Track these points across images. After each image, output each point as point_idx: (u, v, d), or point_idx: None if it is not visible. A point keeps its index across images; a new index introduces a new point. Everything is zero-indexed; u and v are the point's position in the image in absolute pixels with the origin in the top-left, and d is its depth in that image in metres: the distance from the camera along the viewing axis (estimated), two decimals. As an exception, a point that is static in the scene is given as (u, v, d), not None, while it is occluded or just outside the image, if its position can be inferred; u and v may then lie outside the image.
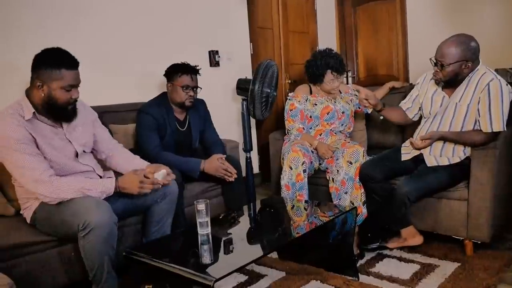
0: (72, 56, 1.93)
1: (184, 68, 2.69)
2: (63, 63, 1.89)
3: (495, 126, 2.28)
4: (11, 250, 1.88)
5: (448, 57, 2.30)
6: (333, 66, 2.88)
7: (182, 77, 2.66)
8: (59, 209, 1.90)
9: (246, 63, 3.96)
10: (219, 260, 1.75)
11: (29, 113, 1.90)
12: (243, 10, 3.94)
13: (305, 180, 2.69)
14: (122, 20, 3.02)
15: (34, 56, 1.91)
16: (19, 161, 1.85)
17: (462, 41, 2.29)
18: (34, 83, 1.91)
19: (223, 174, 2.61)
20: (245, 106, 3.21)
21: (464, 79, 2.35)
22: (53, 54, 1.90)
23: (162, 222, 2.21)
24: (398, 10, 4.36)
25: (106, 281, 1.88)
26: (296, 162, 2.67)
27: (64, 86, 1.90)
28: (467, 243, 2.41)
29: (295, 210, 2.44)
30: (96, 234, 1.80)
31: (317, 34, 4.70)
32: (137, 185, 1.99)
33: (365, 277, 2.24)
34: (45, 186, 1.87)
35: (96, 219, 1.80)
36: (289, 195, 2.69)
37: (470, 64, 2.30)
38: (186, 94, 2.68)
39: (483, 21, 3.62)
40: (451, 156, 2.43)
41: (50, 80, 1.88)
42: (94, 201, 1.88)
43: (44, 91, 1.89)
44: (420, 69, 2.52)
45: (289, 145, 2.81)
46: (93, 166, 2.16)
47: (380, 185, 2.51)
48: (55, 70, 1.88)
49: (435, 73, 2.40)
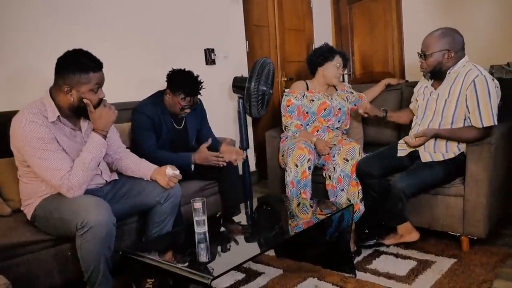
0: (96, 57, 1.95)
1: (191, 90, 2.60)
2: (90, 67, 1.91)
3: (486, 121, 2.30)
4: (7, 250, 1.87)
5: (431, 47, 2.37)
6: (342, 53, 3.04)
7: (185, 99, 2.61)
8: (59, 207, 1.90)
9: (242, 61, 3.96)
10: (216, 258, 1.76)
11: (54, 116, 1.93)
12: (239, 8, 3.93)
13: (309, 177, 2.70)
14: (117, 18, 3.01)
15: (58, 60, 1.92)
16: (43, 160, 1.87)
17: (445, 32, 2.37)
18: (62, 88, 1.91)
19: (215, 161, 2.61)
20: (241, 104, 3.21)
21: (448, 70, 2.38)
22: (78, 58, 1.91)
23: (164, 224, 2.21)
24: (393, 7, 4.36)
25: (100, 283, 1.87)
26: (302, 160, 2.67)
27: (92, 88, 1.93)
28: (463, 239, 2.42)
29: (301, 207, 2.44)
30: (94, 233, 1.80)
31: (313, 32, 4.70)
32: (165, 181, 2.13)
33: (362, 274, 2.25)
34: (66, 190, 1.89)
35: (95, 218, 1.79)
36: (294, 192, 2.69)
37: (453, 54, 2.34)
38: (182, 111, 2.66)
39: (478, 18, 3.63)
40: (445, 152, 2.44)
41: (79, 84, 1.90)
42: (94, 200, 1.89)
43: (73, 95, 1.92)
44: (416, 66, 2.53)
45: (293, 142, 2.78)
46: (102, 170, 2.17)
47: (377, 181, 2.53)
48: (84, 75, 1.89)
49: (421, 65, 2.46)
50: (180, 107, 2.62)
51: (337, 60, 2.99)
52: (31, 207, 2.02)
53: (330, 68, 3.00)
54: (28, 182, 2.01)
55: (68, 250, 2.02)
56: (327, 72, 3.01)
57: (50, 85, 1.98)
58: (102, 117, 1.98)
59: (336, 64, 2.98)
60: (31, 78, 2.59)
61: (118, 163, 2.27)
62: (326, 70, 3.01)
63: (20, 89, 2.55)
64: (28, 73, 2.58)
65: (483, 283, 2.04)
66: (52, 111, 1.93)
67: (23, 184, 2.04)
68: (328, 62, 2.99)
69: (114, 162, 2.27)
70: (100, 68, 1.96)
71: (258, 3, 4.17)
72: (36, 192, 2.00)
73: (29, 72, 2.58)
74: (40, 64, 2.56)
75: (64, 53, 1.93)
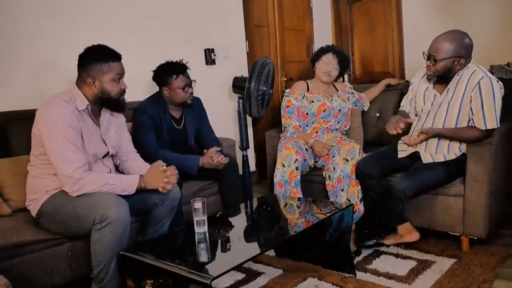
0: (114, 49, 2.05)
1: (177, 69, 2.66)
2: (110, 56, 2.01)
3: (489, 124, 2.29)
4: (7, 250, 1.87)
5: (442, 52, 2.31)
6: (335, 50, 3.05)
7: (179, 79, 2.64)
8: (73, 202, 1.91)
9: (242, 61, 3.96)
10: (216, 258, 1.76)
11: (83, 105, 2.00)
12: (239, 8, 3.93)
13: (298, 177, 2.70)
14: (117, 19, 3.01)
15: (79, 56, 2.02)
16: (63, 149, 1.89)
17: (456, 37, 2.30)
18: (85, 80, 2.00)
19: (217, 164, 2.63)
20: (241, 104, 3.21)
21: (455, 75, 2.36)
22: (98, 50, 2.02)
23: (160, 225, 2.21)
24: (393, 7, 4.36)
25: (109, 279, 1.87)
26: (289, 160, 2.68)
27: (114, 77, 2.02)
28: (463, 239, 2.42)
29: (288, 208, 2.45)
30: (112, 228, 1.81)
31: (313, 32, 4.70)
32: (161, 177, 2.03)
33: (362, 274, 2.25)
34: (71, 183, 1.90)
35: (115, 213, 1.81)
36: (282, 193, 2.70)
37: (462, 60, 2.31)
38: (186, 93, 2.68)
39: (478, 18, 3.62)
40: (446, 153, 2.44)
41: (101, 74, 1.99)
42: (114, 197, 1.91)
43: (96, 86, 2.00)
44: (416, 66, 2.53)
45: (283, 143, 2.82)
46: (111, 167, 2.19)
47: (377, 182, 2.52)
48: (104, 64, 1.99)
49: (428, 67, 2.41)
50: (181, 88, 2.64)
51: (326, 56, 3.01)
52: (37, 202, 2.02)
53: (318, 66, 3.04)
54: (39, 176, 2.02)
55: (69, 250, 2.02)
56: (317, 71, 3.06)
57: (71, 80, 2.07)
58: (152, 175, 2.04)
59: (325, 61, 3.00)
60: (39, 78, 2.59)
61: (124, 164, 2.28)
62: (317, 69, 3.06)
63: (21, 89, 2.56)
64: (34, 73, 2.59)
65: (483, 283, 2.04)
66: (81, 100, 2.00)
67: (33, 178, 2.05)
68: (317, 61, 3.04)
69: (121, 164, 2.29)
70: (119, 58, 2.05)
71: (258, 3, 4.17)
72: (45, 186, 2.01)
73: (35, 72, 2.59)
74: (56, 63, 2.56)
75: (84, 49, 2.02)
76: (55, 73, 2.65)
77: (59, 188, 1.99)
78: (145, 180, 2.04)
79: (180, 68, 2.67)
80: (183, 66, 2.69)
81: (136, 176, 2.04)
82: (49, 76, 2.64)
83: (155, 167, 2.08)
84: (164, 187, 2.04)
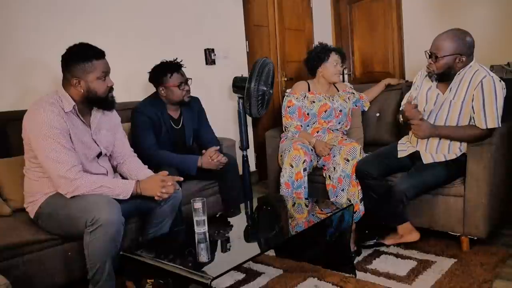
0: (97, 47, 2.01)
1: (171, 67, 2.67)
2: (92, 55, 1.97)
3: (490, 123, 2.29)
4: (7, 250, 1.87)
5: (443, 49, 2.31)
6: (336, 49, 3.04)
7: (173, 77, 2.65)
8: (67, 204, 1.91)
9: (242, 61, 3.96)
10: (216, 258, 1.75)
11: (69, 106, 1.97)
12: (239, 8, 3.93)
13: (304, 178, 2.70)
14: (117, 18, 3.00)
15: (62, 57, 1.99)
16: (51, 151, 1.88)
17: (457, 35, 2.31)
18: (70, 81, 1.97)
19: (217, 165, 2.62)
20: (241, 104, 3.21)
21: (456, 73, 2.36)
22: (79, 49, 1.98)
23: (161, 225, 2.21)
24: (393, 7, 4.36)
25: (105, 281, 1.87)
26: (297, 161, 2.67)
27: (99, 76, 1.99)
28: (463, 239, 2.42)
29: (296, 207, 2.44)
30: (104, 231, 1.80)
31: (313, 32, 4.70)
32: (159, 186, 2.01)
33: (362, 274, 2.24)
34: (66, 184, 1.90)
35: (106, 216, 1.80)
36: (289, 193, 2.69)
37: (464, 58, 2.31)
38: (183, 90, 2.68)
39: (478, 18, 3.62)
40: (447, 152, 2.43)
41: (85, 73, 1.96)
42: (106, 199, 1.90)
43: (82, 86, 1.97)
44: (416, 66, 2.53)
45: (290, 143, 2.79)
46: (108, 169, 2.17)
47: (377, 182, 2.52)
48: (88, 63, 1.96)
49: (429, 65, 2.41)
50: (177, 86, 2.64)
51: (333, 58, 3.00)
52: (35, 205, 2.02)
53: (327, 68, 3.01)
54: (34, 179, 2.02)
55: (68, 250, 2.02)
56: (325, 72, 3.03)
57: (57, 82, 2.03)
58: (151, 183, 2.02)
59: (332, 62, 3.00)
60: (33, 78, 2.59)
61: (121, 167, 2.27)
62: (324, 71, 3.03)
63: (20, 90, 2.55)
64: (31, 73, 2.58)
65: (483, 283, 2.04)
66: (67, 101, 1.98)
67: (29, 181, 2.04)
68: (324, 62, 3.01)
69: (117, 165, 2.28)
70: (103, 56, 2.02)
71: (258, 3, 4.17)
72: (42, 189, 2.00)
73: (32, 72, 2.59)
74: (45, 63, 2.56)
75: (66, 49, 1.98)
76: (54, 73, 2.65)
77: (56, 190, 1.98)
78: (142, 186, 2.02)
79: (174, 66, 2.68)
80: (177, 64, 2.70)
81: (132, 182, 2.02)
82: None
83: (152, 176, 2.08)
84: (161, 196, 2.02)
